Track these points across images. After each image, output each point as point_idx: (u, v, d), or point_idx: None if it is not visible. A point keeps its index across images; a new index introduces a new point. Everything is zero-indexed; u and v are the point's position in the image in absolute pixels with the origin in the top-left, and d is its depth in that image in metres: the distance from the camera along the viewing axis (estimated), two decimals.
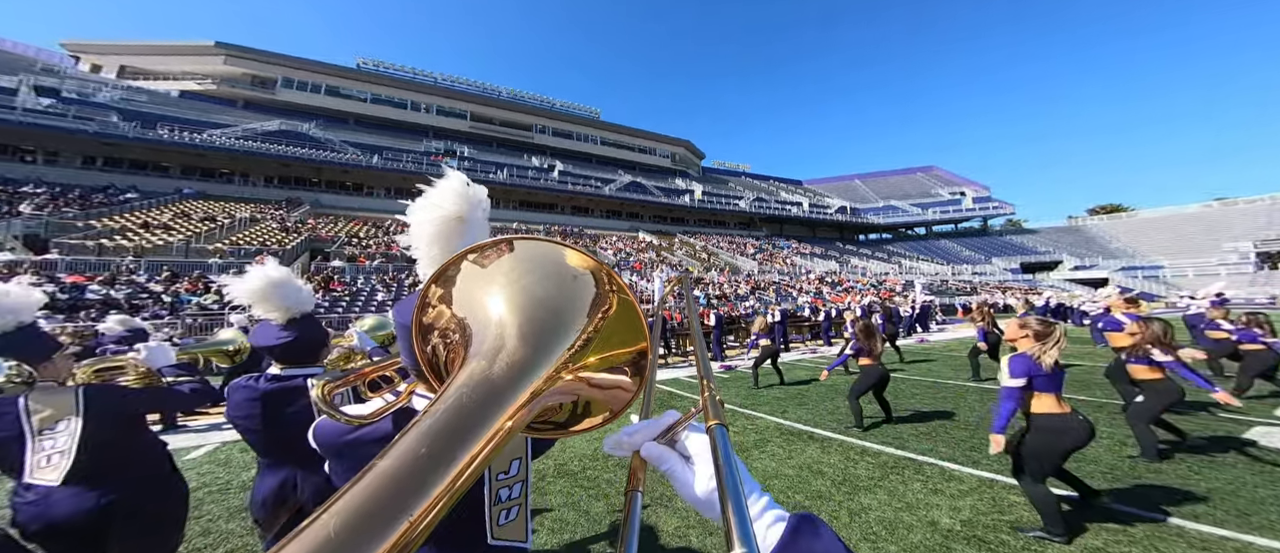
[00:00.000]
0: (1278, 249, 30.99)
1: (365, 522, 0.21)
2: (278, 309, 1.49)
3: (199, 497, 3.08)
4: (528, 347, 0.34)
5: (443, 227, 0.85)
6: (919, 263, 39.86)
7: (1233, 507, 2.64)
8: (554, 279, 0.39)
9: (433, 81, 40.31)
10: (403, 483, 0.23)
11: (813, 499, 2.86)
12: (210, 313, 11.70)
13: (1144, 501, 2.73)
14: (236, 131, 28.47)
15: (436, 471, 0.24)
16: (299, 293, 1.53)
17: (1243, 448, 3.56)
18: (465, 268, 0.40)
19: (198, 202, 24.51)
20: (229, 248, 17.53)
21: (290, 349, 1.49)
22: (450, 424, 0.27)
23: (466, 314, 0.38)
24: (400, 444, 0.25)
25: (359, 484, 0.22)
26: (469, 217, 0.87)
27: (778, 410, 5.19)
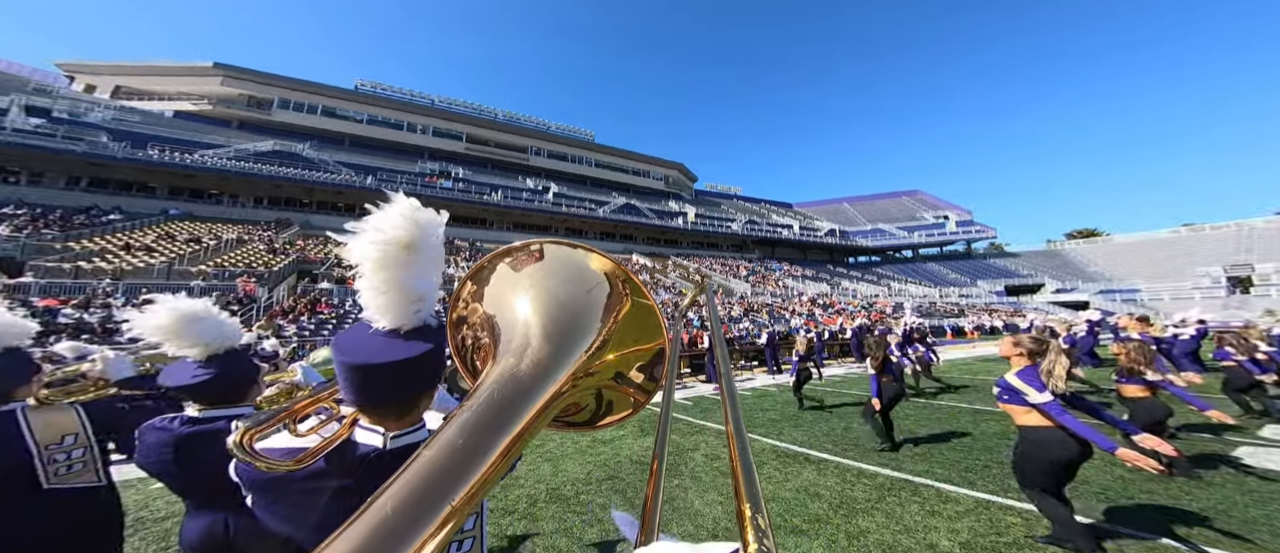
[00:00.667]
0: (1246, 274, 32.27)
1: (416, 505, 0.23)
2: (194, 346, 1.33)
3: (167, 527, 3.00)
4: (551, 347, 0.36)
5: (387, 252, 0.74)
6: (907, 285, 40.57)
7: (1225, 526, 2.65)
8: (576, 282, 0.41)
9: (429, 103, 41.02)
10: (445, 472, 0.25)
11: (811, 523, 2.80)
12: None
13: (1137, 521, 2.72)
14: (228, 152, 28.39)
15: (473, 461, 0.26)
16: (221, 327, 1.38)
17: (1231, 467, 3.61)
18: (500, 269, 0.43)
19: (184, 223, 24.10)
20: (212, 270, 17.15)
21: (208, 388, 1.34)
22: (484, 418, 0.29)
23: (496, 313, 0.41)
24: (442, 436, 0.28)
25: (409, 472, 0.25)
26: (420, 244, 0.75)
27: (773, 432, 5.13)
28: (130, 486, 3.74)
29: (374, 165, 33.53)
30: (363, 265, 0.75)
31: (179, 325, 1.29)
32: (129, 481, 3.80)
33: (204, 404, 1.36)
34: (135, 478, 3.87)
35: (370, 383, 0.76)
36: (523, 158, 43.89)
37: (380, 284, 0.77)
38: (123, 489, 2.10)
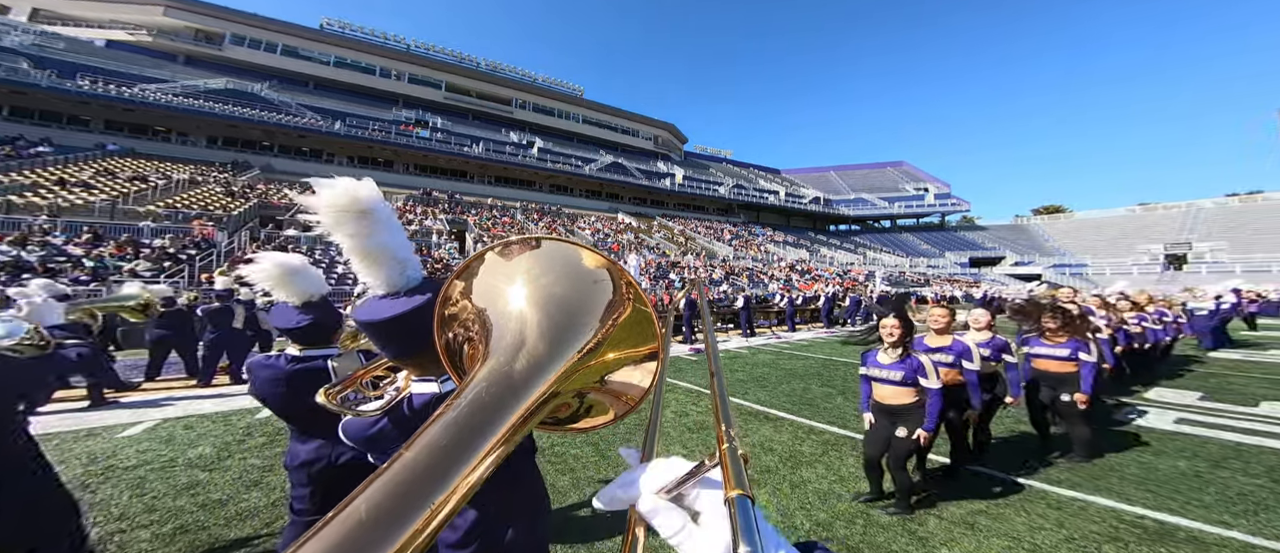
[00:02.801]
0: (1183, 252, 34.83)
1: (394, 506, 0.22)
2: (294, 293, 1.55)
3: (141, 474, 3.03)
4: (546, 344, 0.36)
5: (344, 224, 0.90)
6: (882, 255, 42.00)
7: (1086, 474, 3.17)
8: (572, 280, 0.40)
9: (405, 47, 37.52)
10: (426, 472, 0.24)
11: (762, 473, 3.19)
12: (143, 280, 10.85)
13: (1012, 469, 3.23)
14: (175, 88, 25.66)
15: (457, 461, 0.26)
16: (313, 277, 1.60)
17: (1113, 425, 4.24)
18: (490, 261, 0.42)
19: (125, 159, 22.16)
20: (164, 210, 16.12)
21: (307, 332, 1.56)
22: (471, 418, 0.29)
23: (487, 308, 0.40)
24: (424, 436, 0.27)
25: (387, 473, 0.24)
26: (371, 211, 0.91)
27: (739, 392, 5.56)
28: (95, 435, 3.79)
29: (343, 111, 31.00)
30: (327, 229, 0.92)
31: (284, 275, 1.52)
32: (94, 430, 3.90)
33: (302, 345, 1.58)
34: (100, 427, 3.95)
35: (387, 337, 0.91)
36: (506, 110, 41.36)
37: (359, 257, 0.93)
38: (86, 439, 2.12)
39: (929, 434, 2.53)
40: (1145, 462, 3.42)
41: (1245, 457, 3.54)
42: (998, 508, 2.71)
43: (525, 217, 28.96)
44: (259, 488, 2.85)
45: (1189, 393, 5.56)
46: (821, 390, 5.67)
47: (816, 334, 12.02)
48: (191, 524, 2.43)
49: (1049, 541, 2.37)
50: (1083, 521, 2.58)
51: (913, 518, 2.57)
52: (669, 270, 22.38)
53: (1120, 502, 2.79)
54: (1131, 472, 3.23)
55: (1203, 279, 23.81)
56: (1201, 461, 3.45)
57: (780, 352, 8.88)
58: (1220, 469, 3.29)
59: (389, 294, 0.93)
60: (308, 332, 1.56)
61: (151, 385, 5.55)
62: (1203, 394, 5.50)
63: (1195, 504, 2.78)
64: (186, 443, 3.62)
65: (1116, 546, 2.34)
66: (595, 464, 3.24)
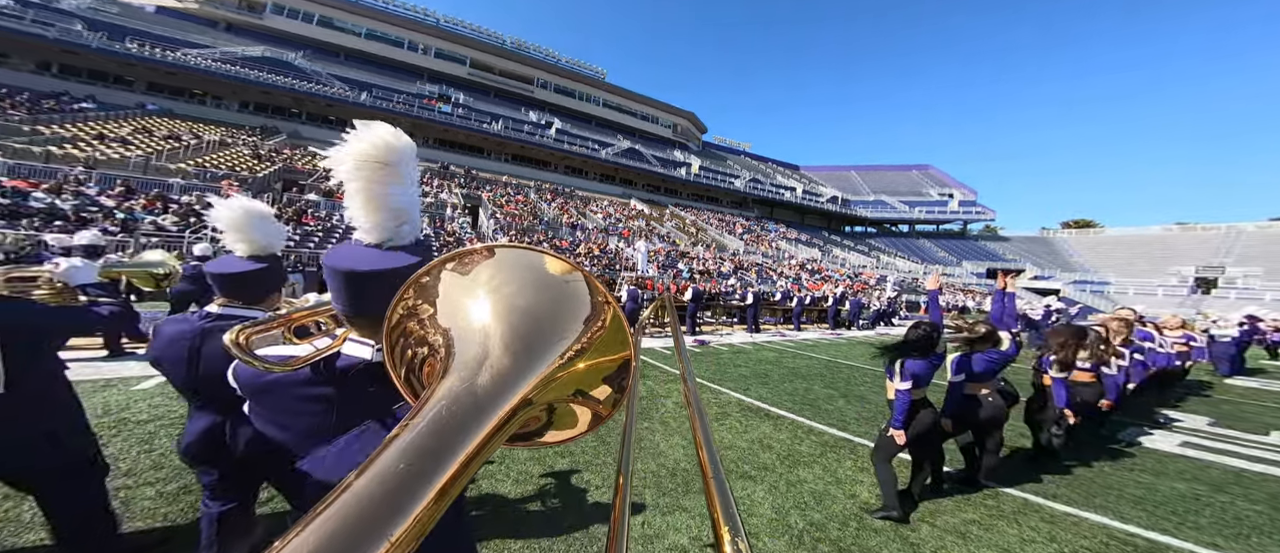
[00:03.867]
0: (1215, 276, 33.44)
1: (342, 546, 0.19)
2: (247, 242, 1.42)
3: (151, 429, 3.04)
4: (512, 358, 0.34)
5: (364, 166, 0.84)
6: (896, 259, 41.21)
7: (1084, 491, 3.21)
8: (538, 289, 0.38)
9: (434, 22, 37.38)
10: (381, 503, 0.21)
11: (759, 470, 3.30)
12: (168, 234, 11.28)
13: (1012, 481, 3.28)
14: (214, 53, 26.23)
15: (417, 489, 0.23)
16: (275, 230, 1.48)
17: (1116, 445, 4.24)
18: (445, 276, 0.39)
19: (162, 118, 22.85)
20: (194, 169, 16.65)
21: (242, 283, 1.41)
22: (432, 440, 0.26)
23: (448, 323, 0.37)
24: (376, 463, 0.24)
25: (331, 508, 0.21)
26: (395, 163, 0.85)
27: (741, 387, 5.66)
28: (111, 386, 3.86)
29: (370, 82, 31.38)
30: (344, 176, 0.84)
31: (245, 220, 1.40)
32: (110, 381, 4.01)
33: (229, 300, 1.43)
34: (116, 379, 4.08)
35: (357, 291, 0.79)
36: (527, 89, 41.14)
37: (362, 198, 0.85)
38: (103, 390, 2.17)
39: None
40: (1145, 482, 3.44)
41: (1247, 483, 3.53)
42: (991, 519, 2.78)
43: (538, 196, 29.08)
44: None
45: (1199, 418, 5.49)
46: (824, 392, 5.73)
47: (822, 335, 12.01)
48: (195, 485, 2.40)
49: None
50: (1074, 536, 2.64)
51: (906, 525, 2.66)
52: (677, 260, 22.38)
53: (1114, 519, 2.84)
54: (1130, 491, 3.27)
55: (1230, 305, 22.94)
56: (1202, 484, 3.46)
57: (784, 350, 8.93)
58: (1220, 494, 3.30)
59: (375, 245, 0.85)
60: (246, 281, 1.41)
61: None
62: (1213, 420, 5.42)
63: (1189, 526, 2.82)
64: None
65: None
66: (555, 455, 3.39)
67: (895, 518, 2.67)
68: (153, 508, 2.24)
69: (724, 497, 0.31)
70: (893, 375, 2.68)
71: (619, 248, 22.13)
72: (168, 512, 2.22)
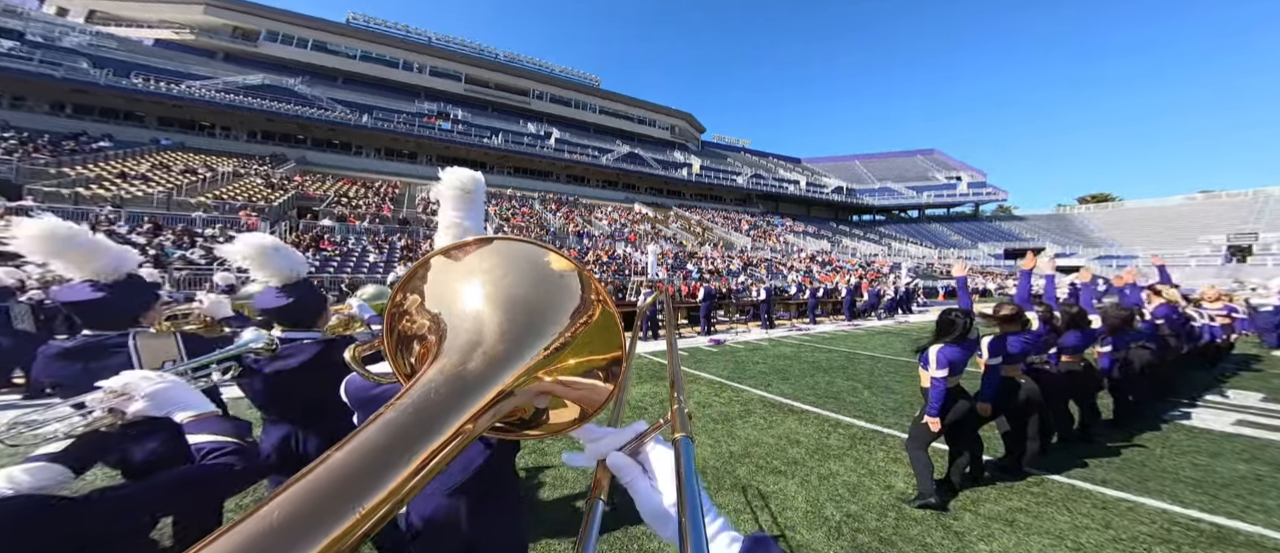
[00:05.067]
0: (1248, 243, 32.14)
1: (312, 512, 0.20)
2: (273, 273, 1.55)
3: None
4: (504, 345, 0.34)
5: (456, 197, 1.13)
6: (908, 245, 40.49)
7: (1136, 475, 3.04)
8: (534, 281, 0.39)
9: (427, 41, 38.26)
10: (357, 474, 0.23)
11: (789, 465, 3.20)
12: (197, 267, 11.63)
13: (1057, 464, 3.13)
14: (216, 84, 27.09)
15: (394, 464, 0.24)
16: (293, 258, 1.60)
17: (1166, 424, 4.04)
18: (438, 264, 0.40)
19: (177, 153, 23.60)
20: (213, 201, 17.14)
21: (289, 312, 1.55)
22: (414, 419, 0.27)
23: (440, 309, 0.38)
24: (361, 436, 0.25)
25: (309, 476, 0.22)
26: (474, 193, 1.15)
27: (762, 384, 5.55)
28: None
29: (370, 104, 32.01)
30: (442, 205, 1.12)
31: (261, 255, 1.53)
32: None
33: (285, 327, 1.59)
34: None
35: None
36: (524, 101, 41.68)
37: (443, 226, 1.11)
38: None
39: None
40: (1201, 464, 3.25)
41: None
42: (1039, 506, 2.64)
43: (543, 206, 29.27)
44: None
45: (1250, 394, 5.21)
46: (847, 384, 5.59)
47: (839, 327, 11.78)
48: (231, 507, 2.52)
49: (1094, 540, 2.30)
50: (1131, 521, 2.49)
51: (947, 513, 2.55)
52: (686, 261, 22.27)
53: (1172, 504, 2.68)
54: (1186, 473, 3.08)
55: (1268, 272, 21.96)
56: (1263, 464, 3.25)
57: (801, 344, 8.76)
58: None
59: None
60: (290, 311, 1.54)
61: None
62: (1265, 395, 5.14)
63: (1255, 508, 2.64)
64: (256, 417, 3.89)
65: (1168, 547, 2.25)
66: None
67: (933, 505, 2.56)
68: (227, 518, 2.36)
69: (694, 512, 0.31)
70: (927, 364, 2.58)
71: (627, 253, 22.12)
72: None
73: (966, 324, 2.60)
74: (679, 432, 0.39)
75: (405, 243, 17.15)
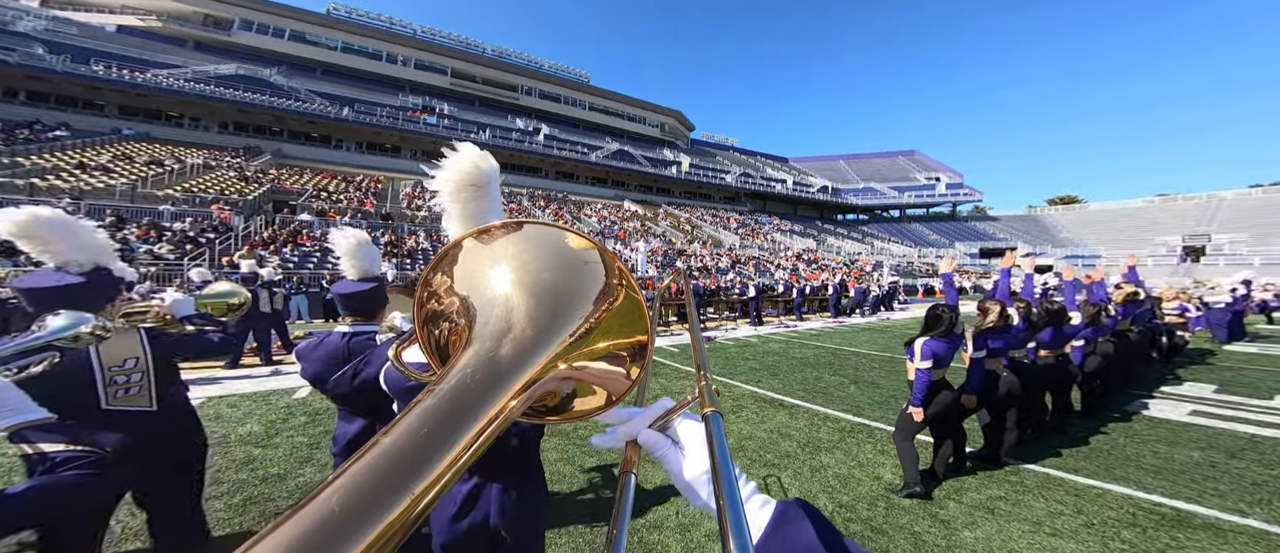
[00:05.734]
0: (1202, 244, 34.17)
1: (368, 498, 0.21)
2: (356, 266, 1.67)
3: (214, 442, 3.19)
4: (534, 330, 0.35)
5: (462, 190, 0.99)
6: (889, 244, 41.60)
7: (1103, 463, 3.23)
8: (563, 266, 0.39)
9: (411, 33, 37.18)
10: (405, 461, 0.23)
11: (781, 458, 3.29)
12: (167, 263, 11.08)
13: (1030, 453, 3.31)
14: (185, 73, 25.82)
15: (438, 449, 0.25)
16: (376, 255, 1.75)
17: (1130, 415, 4.29)
18: (469, 247, 0.40)
19: (140, 144, 22.42)
20: (181, 194, 16.38)
21: (361, 300, 1.66)
22: (453, 404, 0.28)
23: (470, 293, 0.38)
24: (403, 423, 0.25)
25: (362, 461, 0.23)
26: (486, 185, 1.01)
27: (753, 380, 5.66)
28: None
29: (351, 96, 31.03)
30: (444, 200, 1.00)
31: (358, 248, 1.68)
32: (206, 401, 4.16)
33: (355, 318, 1.67)
34: (204, 399, 4.23)
35: None
36: (512, 96, 41.04)
37: (458, 219, 1.01)
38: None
39: None
40: (1161, 452, 3.48)
41: (1261, 448, 3.57)
42: (1017, 494, 2.78)
43: (531, 203, 28.96)
44: (311, 464, 3.01)
45: (1204, 386, 5.57)
46: (834, 379, 5.75)
47: (825, 324, 12.05)
48: (258, 496, 2.58)
49: (1069, 526, 2.45)
50: (1100, 507, 2.65)
51: (933, 502, 2.66)
52: (675, 258, 22.39)
53: (1137, 490, 2.86)
54: (1147, 461, 3.29)
55: (1220, 271, 23.40)
56: (1217, 451, 3.50)
57: (790, 341, 8.94)
58: (1235, 460, 3.34)
59: None
60: (363, 298, 1.66)
61: (184, 365, 5.74)
62: (1218, 387, 5.50)
63: (1211, 493, 2.84)
64: (235, 421, 3.78)
65: (1135, 531, 2.41)
66: None
67: (918, 494, 2.67)
68: (227, 518, 2.38)
69: (733, 497, 0.31)
70: (913, 356, 2.68)
71: (617, 250, 22.10)
72: (241, 521, 2.36)
73: (952, 319, 2.72)
74: (708, 407, 0.40)
75: (389, 238, 16.73)
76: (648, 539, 2.25)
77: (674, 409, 0.45)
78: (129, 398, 1.50)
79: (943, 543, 2.28)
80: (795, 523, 0.34)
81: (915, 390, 2.67)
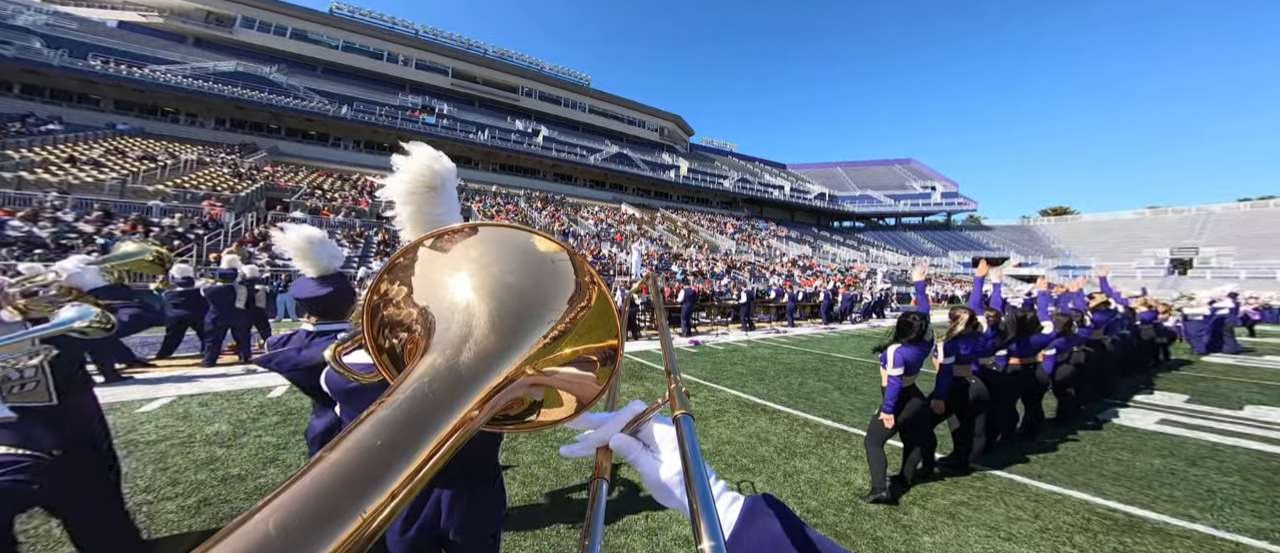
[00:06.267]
0: (1189, 256, 34.69)
1: (311, 519, 0.19)
2: (315, 266, 1.60)
3: (161, 449, 3.11)
4: (497, 336, 0.33)
5: (415, 192, 0.97)
6: (884, 252, 41.91)
7: (1066, 470, 3.33)
8: (526, 268, 0.37)
9: (413, 33, 37.32)
10: (355, 477, 0.21)
11: (757, 462, 3.36)
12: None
13: (996, 460, 3.41)
14: (185, 69, 25.82)
15: (394, 463, 0.23)
16: (333, 250, 1.66)
17: (1095, 422, 4.40)
18: (424, 254, 0.38)
19: (134, 138, 22.35)
20: (173, 190, 16.32)
21: (327, 303, 1.61)
22: (410, 414, 0.26)
23: (428, 302, 0.36)
24: (353, 435, 0.23)
25: (304, 479, 0.21)
26: (441, 186, 0.99)
27: (738, 385, 5.74)
28: (115, 409, 3.86)
29: (350, 95, 31.07)
30: (397, 202, 0.99)
31: (308, 245, 1.58)
32: (113, 404, 3.95)
33: (319, 318, 1.62)
34: (119, 403, 4.05)
35: None
36: (512, 98, 41.19)
37: (412, 222, 1.00)
38: (108, 414, 2.06)
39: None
40: (1123, 459, 3.58)
41: (1221, 456, 3.69)
42: (979, 499, 2.87)
43: (529, 204, 29.02)
44: (275, 464, 3.00)
45: (1176, 396, 5.71)
46: (818, 385, 5.83)
47: (816, 330, 12.17)
48: (214, 498, 2.53)
49: (1025, 531, 2.54)
50: (1057, 512, 2.74)
51: (898, 507, 2.74)
52: (671, 262, 22.49)
53: (1095, 496, 2.96)
54: (1109, 468, 3.40)
55: (1206, 284, 23.77)
56: (1178, 459, 3.61)
57: (779, 347, 9.03)
58: (1195, 468, 3.45)
59: None
60: (327, 302, 1.60)
61: (162, 363, 5.74)
62: (1190, 397, 5.64)
63: (1164, 499, 2.94)
64: (203, 420, 3.75)
65: (1087, 536, 2.50)
66: None
67: (885, 499, 2.75)
68: (176, 520, 2.33)
69: (705, 496, 0.31)
70: (885, 363, 2.78)
71: (613, 253, 22.18)
72: (191, 524, 2.31)
73: (922, 326, 2.82)
74: (679, 410, 0.40)
75: (382, 237, 16.76)
76: (614, 543, 2.31)
77: (645, 413, 0.45)
78: (26, 394, 1.41)
79: (902, 548, 2.36)
80: (763, 517, 0.35)
81: (887, 397, 2.76)
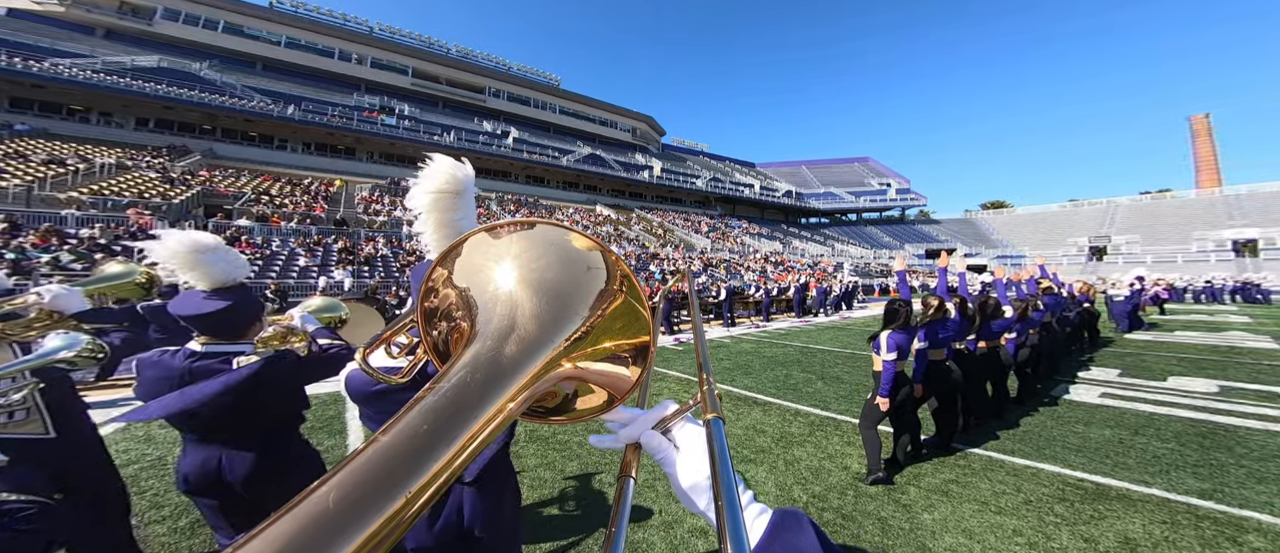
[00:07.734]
0: (1104, 244, 39.07)
1: (364, 495, 0.21)
2: (206, 277, 1.35)
3: (133, 473, 2.96)
4: (537, 328, 0.34)
5: (440, 200, 1.04)
6: (848, 246, 44.10)
7: (1035, 445, 3.62)
8: (567, 265, 0.39)
9: (367, 30, 35.25)
10: (403, 459, 0.23)
11: (757, 453, 3.42)
12: (73, 273, 9.81)
13: (976, 442, 3.64)
14: (95, 64, 23.01)
15: (436, 448, 0.24)
16: (233, 260, 1.41)
17: (1053, 399, 4.81)
18: (475, 244, 0.40)
19: (37, 140, 19.70)
20: (89, 197, 14.54)
21: (216, 320, 1.34)
22: (453, 402, 0.27)
23: (474, 291, 0.38)
24: (403, 420, 0.25)
25: (360, 458, 0.23)
26: (463, 193, 1.07)
27: (726, 379, 5.82)
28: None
29: (298, 95, 28.83)
30: (422, 211, 1.04)
31: (191, 256, 1.31)
32: None
33: (208, 338, 1.37)
34: None
35: None
36: (479, 99, 39.84)
37: (436, 228, 1.05)
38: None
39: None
40: (1079, 432, 3.94)
41: (1157, 425, 4.13)
42: (966, 477, 3.06)
43: (501, 207, 28.17)
44: None
45: (1110, 371, 6.35)
46: (803, 376, 6.02)
47: (791, 324, 12.58)
48: (202, 518, 2.38)
49: (1011, 503, 2.72)
50: (1035, 485, 2.97)
51: (895, 488, 2.87)
52: (649, 262, 22.56)
53: (1064, 468, 3.22)
54: (1071, 441, 3.72)
55: (1118, 269, 26.79)
56: (1123, 429, 4.01)
57: (760, 341, 9.26)
58: (1139, 436, 3.85)
59: None
60: (217, 319, 1.33)
61: (103, 386, 5.13)
62: (1121, 371, 6.30)
63: (1121, 467, 3.26)
64: (168, 443, 3.45)
65: (1065, 505, 2.72)
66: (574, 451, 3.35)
67: (882, 480, 2.89)
68: (171, 542, 2.27)
69: (730, 494, 0.31)
70: (879, 349, 2.91)
71: None
72: (189, 545, 2.26)
73: (907, 312, 2.98)
74: (711, 413, 0.40)
75: (342, 245, 15.69)
76: (631, 538, 2.28)
77: (676, 413, 0.45)
78: (18, 425, 1.33)
79: (907, 526, 2.47)
80: (794, 531, 0.34)
81: (883, 381, 2.88)
